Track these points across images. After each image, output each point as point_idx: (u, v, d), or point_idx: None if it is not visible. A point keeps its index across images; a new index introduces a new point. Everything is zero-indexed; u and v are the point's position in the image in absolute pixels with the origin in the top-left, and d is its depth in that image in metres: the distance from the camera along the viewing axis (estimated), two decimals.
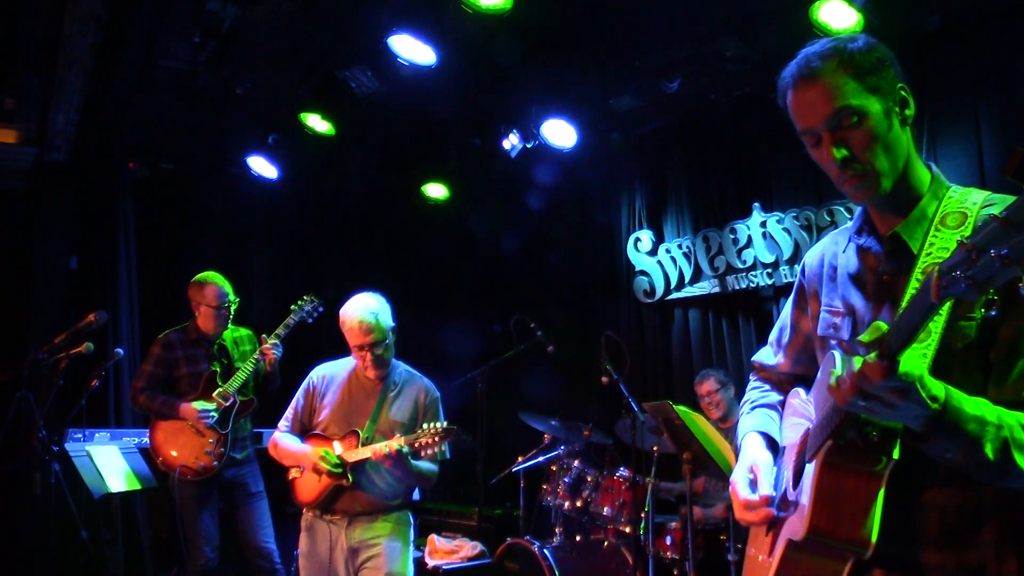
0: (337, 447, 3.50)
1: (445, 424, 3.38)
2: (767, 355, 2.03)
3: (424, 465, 3.51)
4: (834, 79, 1.52)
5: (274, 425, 3.73)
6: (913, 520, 1.50)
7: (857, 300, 1.64)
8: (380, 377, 3.62)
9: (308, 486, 3.53)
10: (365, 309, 3.51)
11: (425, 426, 3.38)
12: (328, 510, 3.53)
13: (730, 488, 1.78)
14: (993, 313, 1.12)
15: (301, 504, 3.59)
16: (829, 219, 5.22)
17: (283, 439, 3.62)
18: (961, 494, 1.47)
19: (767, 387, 2.03)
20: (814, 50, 1.57)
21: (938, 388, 1.31)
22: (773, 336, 2.01)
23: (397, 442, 3.35)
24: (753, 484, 1.74)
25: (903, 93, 1.57)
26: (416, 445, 3.35)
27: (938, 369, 1.36)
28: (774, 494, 1.72)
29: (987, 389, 1.45)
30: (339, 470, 3.42)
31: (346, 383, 3.65)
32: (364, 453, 3.42)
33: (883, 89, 1.54)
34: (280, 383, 4.67)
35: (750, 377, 2.11)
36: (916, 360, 1.28)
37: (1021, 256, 1.04)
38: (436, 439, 3.33)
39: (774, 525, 1.72)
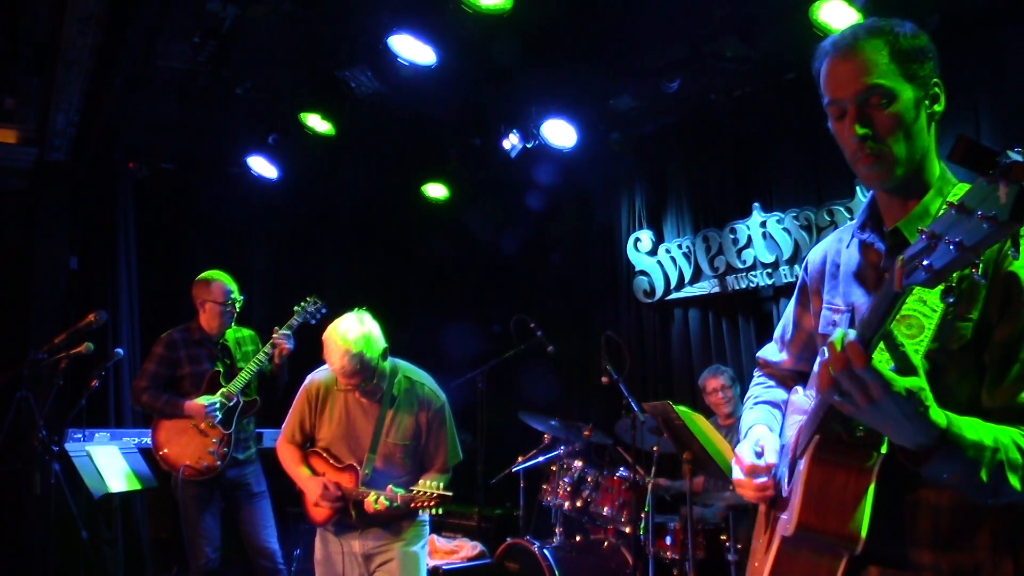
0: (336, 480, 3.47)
1: (442, 489, 3.27)
2: (772, 352, 2.04)
3: None
4: (874, 56, 1.51)
5: (277, 425, 3.70)
6: (906, 519, 1.49)
7: (858, 296, 1.64)
8: (374, 396, 3.47)
9: (318, 510, 3.51)
10: (345, 355, 3.23)
11: (422, 483, 3.30)
12: (341, 530, 3.52)
13: (733, 460, 1.75)
14: (951, 300, 1.10)
15: (313, 524, 3.59)
16: (829, 219, 5.22)
17: (287, 459, 3.58)
18: (955, 494, 1.45)
19: (771, 383, 2.03)
20: (861, 24, 1.57)
21: (939, 416, 1.29)
22: (777, 333, 2.01)
23: (390, 498, 3.29)
24: (760, 456, 1.71)
25: (936, 89, 1.56)
26: (412, 505, 3.30)
27: (934, 369, 1.35)
28: (777, 462, 1.69)
29: (981, 392, 1.44)
30: (341, 504, 3.41)
31: (342, 398, 3.51)
32: (359, 498, 3.37)
33: (919, 79, 1.53)
34: (288, 379, 4.61)
35: (755, 372, 2.11)
36: (884, 364, 1.26)
37: (974, 242, 1.02)
38: (432, 503, 3.27)
39: (775, 505, 1.71)
